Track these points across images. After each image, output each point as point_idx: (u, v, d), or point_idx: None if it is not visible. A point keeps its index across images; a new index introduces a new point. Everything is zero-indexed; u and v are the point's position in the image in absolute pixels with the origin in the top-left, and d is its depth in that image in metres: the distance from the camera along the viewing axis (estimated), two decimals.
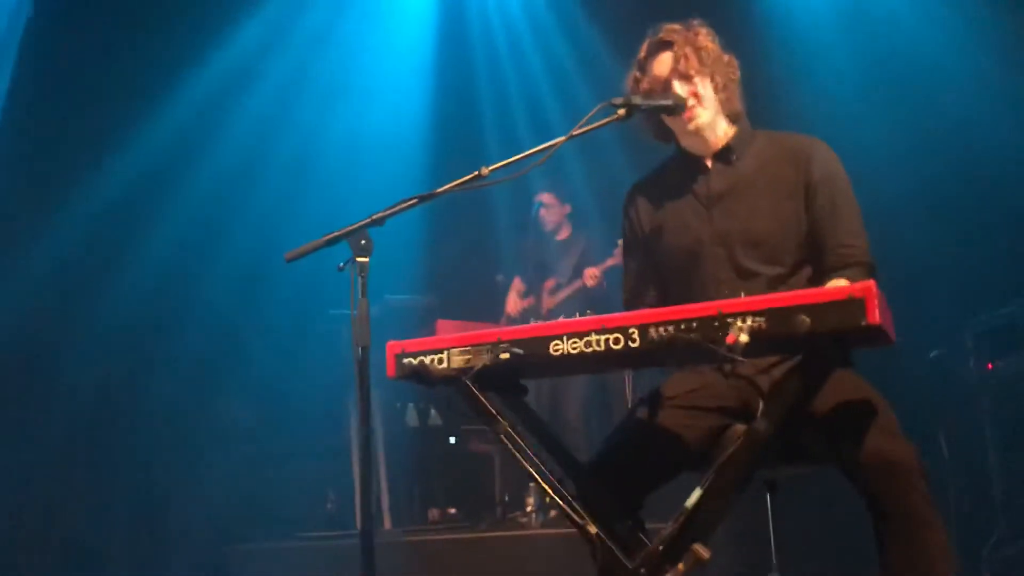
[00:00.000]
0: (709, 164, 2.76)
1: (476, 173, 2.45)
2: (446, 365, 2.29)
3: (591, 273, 5.96)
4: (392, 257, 6.59)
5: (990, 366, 4.94)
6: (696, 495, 2.10)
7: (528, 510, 5.64)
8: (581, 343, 2.17)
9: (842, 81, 5.91)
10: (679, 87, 2.68)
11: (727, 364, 2.46)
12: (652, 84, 2.72)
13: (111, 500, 6.23)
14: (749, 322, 1.99)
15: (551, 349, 2.20)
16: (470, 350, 2.28)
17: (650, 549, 2.14)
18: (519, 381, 2.46)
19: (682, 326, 2.06)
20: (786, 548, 2.85)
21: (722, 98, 2.71)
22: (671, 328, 2.07)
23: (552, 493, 2.25)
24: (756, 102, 2.84)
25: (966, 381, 5.09)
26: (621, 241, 5.92)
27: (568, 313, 6.02)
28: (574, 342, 2.18)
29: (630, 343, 2.11)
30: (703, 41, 2.71)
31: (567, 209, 6.31)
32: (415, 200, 2.46)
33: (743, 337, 1.96)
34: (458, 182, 2.48)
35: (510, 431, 2.28)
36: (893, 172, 5.46)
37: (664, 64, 2.71)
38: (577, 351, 2.17)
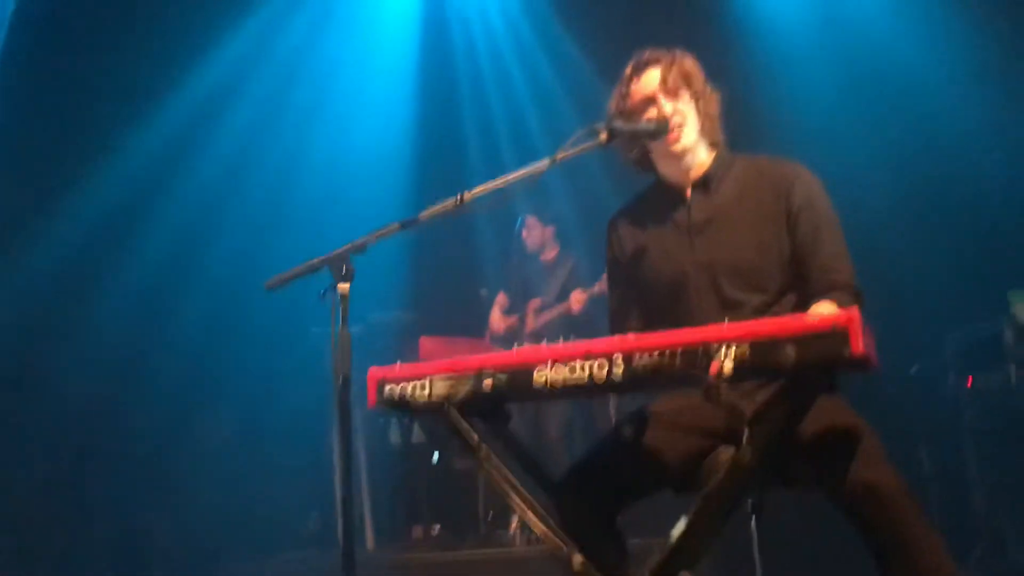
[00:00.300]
0: (689, 193, 2.75)
1: (458, 199, 2.44)
2: (428, 393, 2.28)
3: (578, 298, 5.94)
4: (373, 273, 6.58)
5: (970, 381, 4.96)
6: (682, 524, 2.09)
7: (512, 528, 5.61)
8: (565, 370, 2.15)
9: (821, 100, 5.95)
10: (665, 103, 2.67)
11: (710, 392, 2.45)
12: (637, 101, 2.71)
13: (91, 522, 6.15)
14: (733, 351, 1.98)
15: (535, 376, 2.18)
16: (453, 378, 2.26)
17: None
18: (502, 407, 2.44)
19: (666, 354, 2.05)
20: (772, 570, 2.84)
21: (705, 124, 2.72)
22: (655, 356, 2.06)
23: (537, 523, 2.23)
24: (736, 122, 2.84)
25: (946, 396, 5.12)
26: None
27: (552, 335, 6.04)
28: (558, 369, 2.16)
29: (614, 371, 2.10)
30: (689, 65, 2.72)
31: (550, 230, 6.29)
32: (397, 226, 2.44)
33: (727, 366, 1.96)
34: (439, 208, 2.46)
35: (493, 460, 2.27)
36: (872, 187, 5.50)
37: (651, 80, 2.71)
38: (561, 378, 2.16)
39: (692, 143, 2.70)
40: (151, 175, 6.70)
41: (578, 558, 2.17)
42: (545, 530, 2.24)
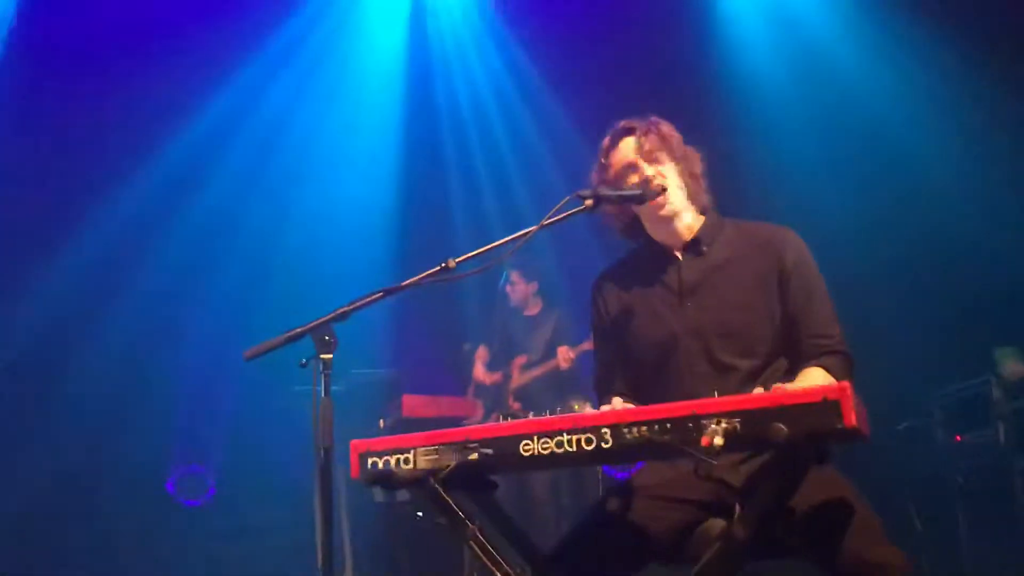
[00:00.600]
0: (679, 255, 2.73)
1: (443, 265, 2.40)
2: (412, 466, 2.22)
3: (566, 356, 5.91)
4: (356, 330, 6.53)
5: (959, 438, 4.94)
6: None
7: None
8: (552, 443, 2.11)
9: (805, 162, 5.99)
10: (646, 168, 2.66)
11: (700, 465, 2.41)
12: (618, 169, 2.70)
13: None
14: (724, 424, 1.94)
15: (521, 449, 2.13)
16: (437, 450, 2.21)
17: None
18: (488, 478, 2.38)
19: (656, 427, 2.01)
20: None
21: (689, 185, 2.70)
22: (644, 429, 2.02)
23: None
24: (720, 185, 2.83)
25: (935, 453, 5.10)
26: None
27: (538, 391, 5.99)
28: (545, 442, 2.11)
29: (602, 444, 2.06)
30: (665, 130, 2.71)
31: (533, 287, 6.27)
32: (380, 294, 2.40)
33: (718, 440, 1.91)
34: (425, 275, 2.42)
35: (478, 535, 2.21)
36: (859, 246, 5.52)
37: (628, 148, 2.70)
38: (548, 451, 2.11)
39: (680, 206, 2.68)
40: (131, 236, 6.66)
41: None
42: None
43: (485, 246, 2.49)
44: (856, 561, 2.13)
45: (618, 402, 2.53)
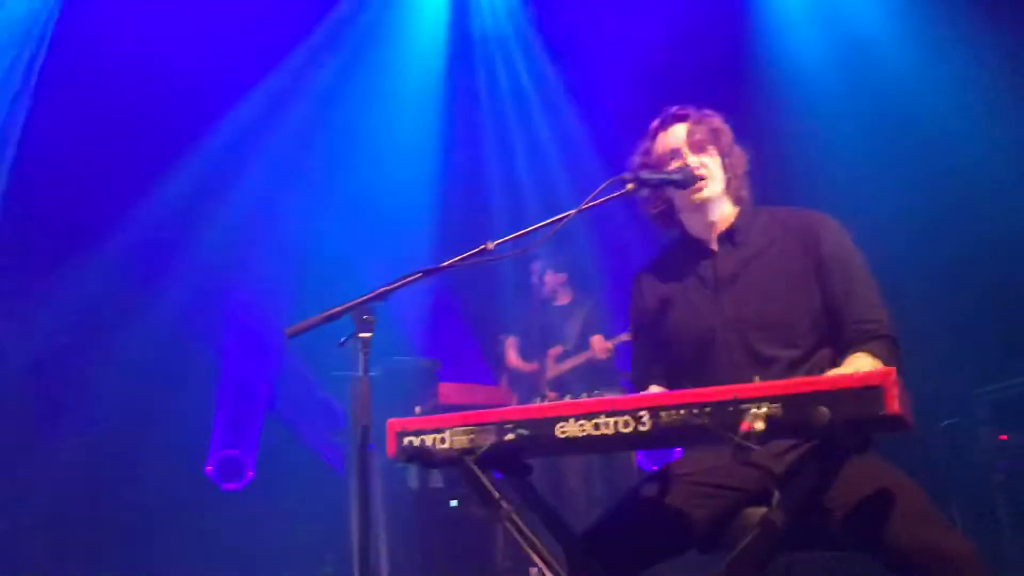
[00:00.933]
0: (714, 247, 2.70)
1: (482, 247, 2.40)
2: (448, 445, 2.22)
3: (604, 347, 5.92)
4: (394, 317, 6.56)
5: (1003, 437, 4.85)
6: None
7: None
8: (589, 425, 2.09)
9: (850, 153, 5.88)
10: (691, 157, 2.64)
11: (740, 451, 2.37)
12: (661, 153, 2.68)
13: (103, 562, 6.11)
14: (765, 409, 1.91)
15: (557, 431, 2.12)
16: (473, 430, 2.21)
17: None
18: (523, 460, 2.38)
19: (695, 411, 1.99)
20: None
21: (731, 181, 2.68)
22: (683, 412, 2.00)
23: None
24: (765, 179, 2.80)
25: (979, 451, 5.00)
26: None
27: (575, 381, 5.97)
28: (582, 424, 2.10)
29: (640, 427, 2.04)
30: (717, 123, 2.70)
31: (562, 277, 6.27)
32: (419, 274, 2.40)
33: (758, 425, 1.89)
34: (464, 256, 2.42)
35: (513, 517, 2.20)
36: (905, 241, 5.42)
37: (677, 134, 2.68)
38: (584, 433, 2.09)
39: (715, 195, 2.66)
40: (174, 223, 6.74)
41: None
42: None
43: (523, 229, 2.49)
44: (924, 550, 2.07)
45: (656, 389, 2.51)
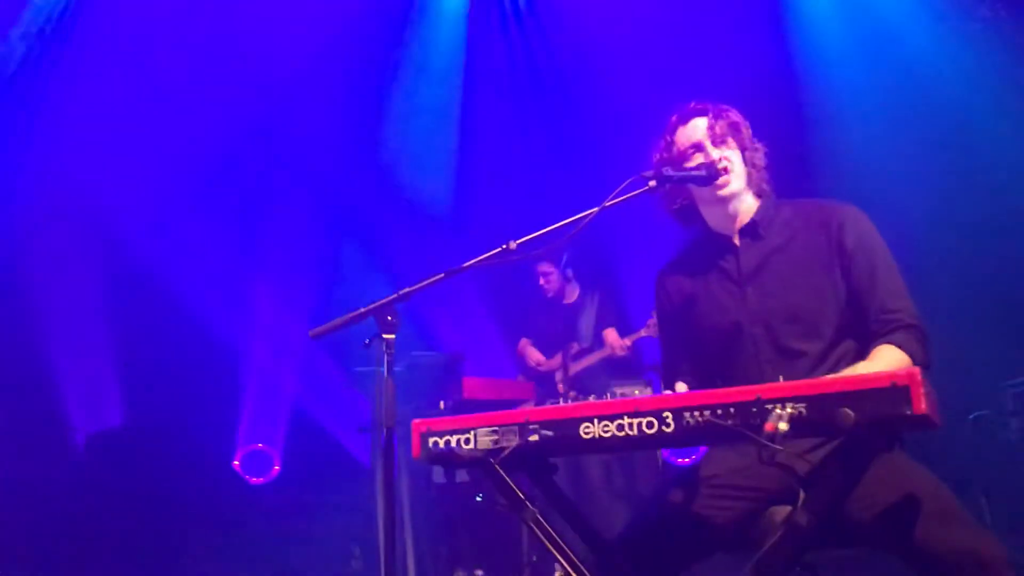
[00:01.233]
0: (737, 241, 2.69)
1: (504, 247, 2.40)
2: (473, 446, 2.23)
3: (621, 344, 5.91)
4: (419, 311, 6.58)
5: None
6: None
7: (557, 574, 5.51)
8: (613, 426, 2.10)
9: (877, 143, 5.81)
10: (712, 150, 2.63)
11: (764, 452, 2.37)
12: (682, 148, 2.67)
13: (133, 556, 6.18)
14: (789, 409, 1.91)
15: (581, 431, 2.13)
16: (498, 431, 2.22)
17: None
18: (547, 460, 2.38)
19: (719, 411, 1.99)
20: None
21: (752, 174, 2.67)
22: (707, 413, 2.00)
23: None
24: (791, 173, 2.78)
25: (1007, 443, 4.96)
26: (655, 313, 5.81)
27: (593, 378, 5.95)
28: (605, 425, 2.11)
29: (664, 428, 2.05)
30: (736, 118, 2.69)
31: (567, 274, 6.27)
32: (442, 275, 2.41)
33: (782, 425, 1.88)
34: (486, 256, 2.43)
35: (538, 518, 2.21)
36: (934, 233, 5.36)
37: (697, 128, 2.67)
38: (608, 434, 2.10)
39: (739, 189, 2.65)
40: (198, 221, 6.79)
41: None
42: None
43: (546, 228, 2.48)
44: (956, 552, 2.07)
45: (682, 387, 2.51)
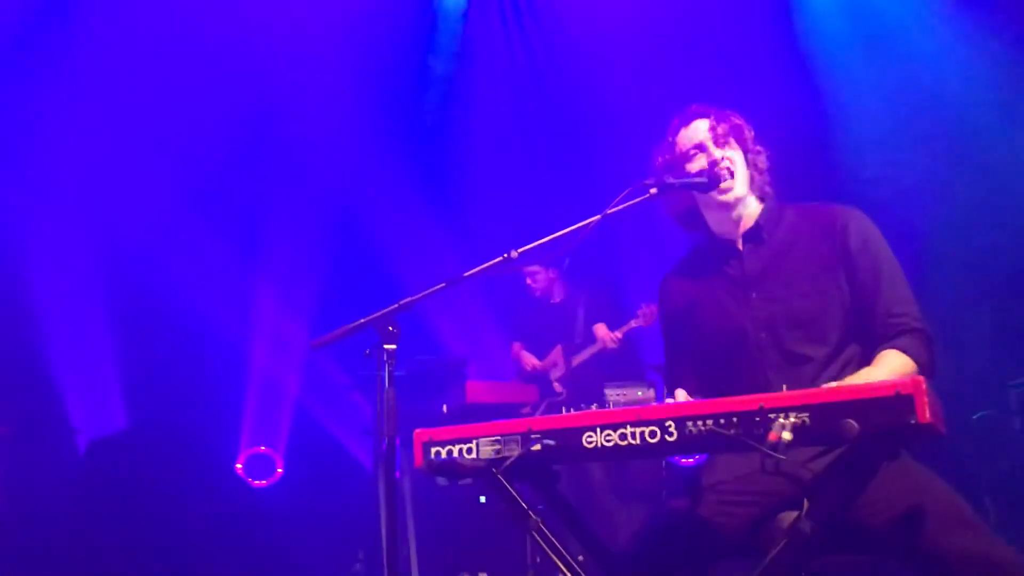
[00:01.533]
0: (740, 246, 2.68)
1: (506, 256, 2.40)
2: (475, 456, 2.23)
3: (611, 336, 5.95)
4: (422, 316, 6.56)
5: None
6: None
7: None
8: (616, 435, 2.10)
9: (885, 147, 5.78)
10: (715, 150, 2.62)
11: (768, 461, 2.36)
12: (684, 149, 2.65)
13: (133, 562, 6.18)
14: (792, 419, 1.90)
15: (584, 441, 2.12)
16: (500, 440, 2.21)
17: None
18: (550, 468, 2.38)
19: (721, 421, 1.98)
20: None
21: (754, 177, 2.66)
22: (710, 423, 1.99)
23: None
24: (795, 172, 2.77)
25: (1012, 443, 4.94)
26: (644, 305, 5.78)
27: (588, 375, 5.96)
28: (608, 434, 2.10)
29: (667, 437, 2.04)
30: (737, 120, 2.68)
31: (554, 272, 6.28)
32: (443, 284, 2.41)
33: (786, 435, 1.87)
34: (487, 265, 2.42)
35: (541, 526, 2.20)
36: (938, 234, 5.33)
37: (700, 129, 2.66)
38: (611, 443, 2.10)
39: (742, 194, 2.63)
40: (205, 216, 6.79)
41: None
42: None
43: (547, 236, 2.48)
44: (965, 557, 2.06)
45: (681, 394, 2.50)
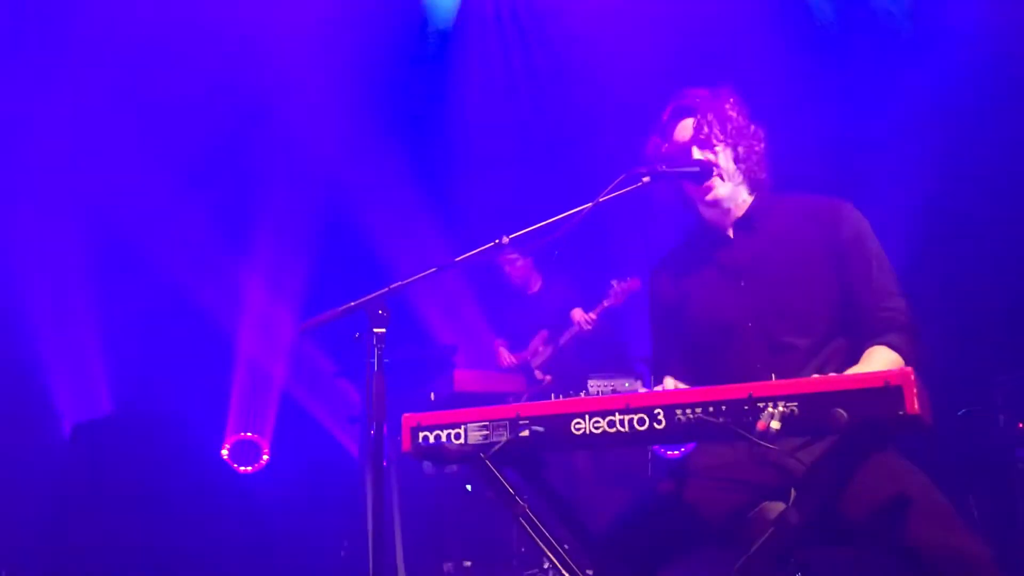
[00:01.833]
0: (731, 234, 2.68)
1: (497, 241, 2.39)
2: (463, 441, 2.22)
3: (585, 318, 5.96)
4: (411, 304, 6.56)
5: (1022, 425, 4.80)
6: None
7: (546, 566, 5.52)
8: (604, 423, 2.10)
9: (875, 145, 5.77)
10: (698, 154, 2.62)
11: (756, 450, 2.36)
12: (672, 150, 2.65)
13: (117, 550, 6.16)
14: (781, 407, 1.91)
15: (572, 427, 2.12)
16: (488, 426, 2.21)
17: None
18: (538, 456, 2.38)
19: (710, 409, 1.98)
20: None
21: (743, 168, 2.65)
22: (699, 411, 1.99)
23: None
24: (787, 163, 2.76)
25: (996, 439, 4.96)
26: (614, 282, 5.79)
27: (569, 361, 5.99)
28: (596, 422, 2.10)
29: (655, 425, 2.04)
30: (728, 110, 2.65)
31: (530, 261, 6.26)
32: (434, 269, 2.40)
33: (775, 424, 1.88)
34: (478, 251, 2.41)
35: (528, 513, 2.20)
36: (923, 231, 5.35)
37: (685, 130, 2.66)
38: (599, 430, 2.10)
39: (727, 193, 2.64)
40: (192, 204, 6.76)
41: None
42: None
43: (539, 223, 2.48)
44: (940, 551, 2.07)
45: (670, 382, 2.50)
